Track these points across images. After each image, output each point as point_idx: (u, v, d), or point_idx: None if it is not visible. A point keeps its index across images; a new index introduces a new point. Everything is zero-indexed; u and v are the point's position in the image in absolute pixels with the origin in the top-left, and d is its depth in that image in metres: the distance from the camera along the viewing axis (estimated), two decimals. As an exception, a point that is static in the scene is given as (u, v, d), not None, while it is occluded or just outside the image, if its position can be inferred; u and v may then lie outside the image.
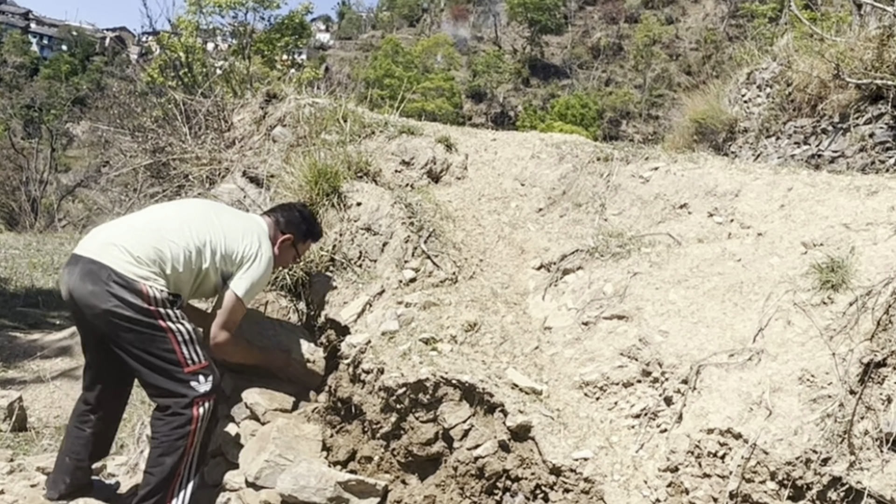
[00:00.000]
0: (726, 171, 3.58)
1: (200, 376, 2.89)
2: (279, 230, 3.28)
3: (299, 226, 3.34)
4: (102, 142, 16.70)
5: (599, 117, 56.92)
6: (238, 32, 17.93)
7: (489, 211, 4.03)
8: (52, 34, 78.56)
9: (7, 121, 22.16)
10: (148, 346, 2.83)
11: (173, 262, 2.89)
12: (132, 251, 2.84)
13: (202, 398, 2.87)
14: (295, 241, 3.32)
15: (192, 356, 2.88)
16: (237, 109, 5.36)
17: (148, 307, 2.81)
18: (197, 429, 2.86)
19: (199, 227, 3.00)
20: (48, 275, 10.16)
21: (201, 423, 2.87)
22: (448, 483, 2.75)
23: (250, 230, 3.14)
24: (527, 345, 3.07)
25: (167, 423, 2.86)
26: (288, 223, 3.31)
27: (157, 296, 2.83)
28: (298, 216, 3.36)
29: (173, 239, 2.92)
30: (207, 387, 2.89)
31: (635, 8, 69.90)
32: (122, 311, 2.77)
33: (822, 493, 2.12)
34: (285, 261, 3.38)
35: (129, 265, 2.82)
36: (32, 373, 5.87)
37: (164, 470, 2.84)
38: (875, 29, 5.09)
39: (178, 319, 2.88)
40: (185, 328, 2.89)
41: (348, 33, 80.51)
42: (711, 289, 2.86)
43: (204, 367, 2.90)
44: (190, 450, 2.87)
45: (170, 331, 2.84)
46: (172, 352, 2.84)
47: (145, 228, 2.96)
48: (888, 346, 2.19)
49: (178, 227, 2.97)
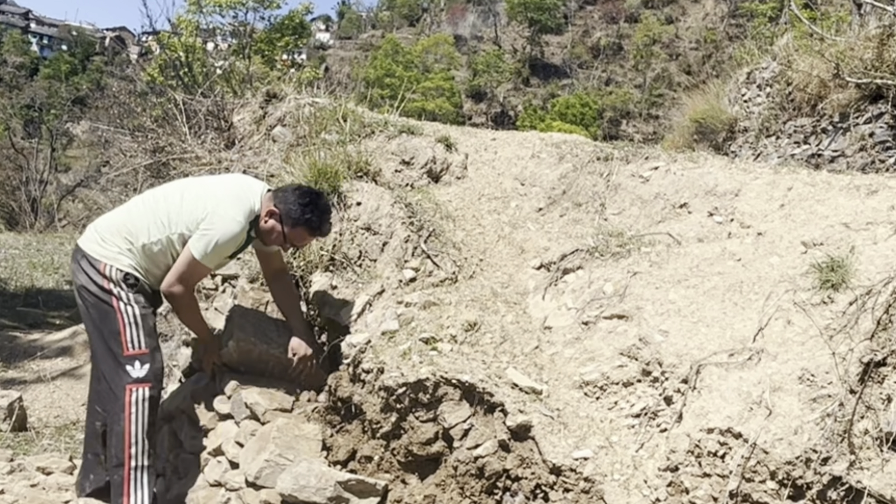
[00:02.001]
0: (726, 171, 3.58)
1: (137, 362, 2.96)
2: (273, 203, 3.13)
3: (291, 205, 3.08)
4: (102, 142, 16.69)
5: (599, 117, 56.88)
6: (238, 32, 17.93)
7: (489, 210, 4.03)
8: (52, 34, 78.55)
9: (7, 121, 22.15)
10: (102, 323, 2.99)
11: (139, 238, 3.03)
12: (100, 232, 3.07)
13: (135, 384, 2.94)
14: (282, 221, 3.09)
15: (133, 340, 2.96)
16: (237, 109, 5.37)
17: (104, 285, 2.98)
18: (130, 414, 2.91)
19: (166, 201, 3.10)
20: (48, 275, 10.16)
21: (134, 408, 2.92)
22: (448, 483, 2.75)
23: (222, 196, 3.06)
24: (527, 344, 3.07)
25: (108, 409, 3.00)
26: (282, 199, 3.11)
27: (115, 275, 2.98)
28: (293, 196, 3.10)
29: (139, 216, 3.08)
30: (142, 373, 2.95)
31: (635, 7, 69.85)
32: (87, 286, 2.99)
33: (822, 492, 2.12)
34: (271, 239, 3.17)
35: (95, 245, 3.04)
36: (32, 373, 5.87)
37: (110, 459, 2.96)
38: (875, 28, 5.09)
39: (129, 301, 2.98)
40: (134, 311, 2.98)
41: (348, 33, 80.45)
42: (711, 288, 2.86)
43: (143, 354, 2.98)
44: (128, 437, 2.91)
45: (119, 310, 2.97)
46: (118, 332, 2.96)
47: (119, 211, 3.18)
48: (888, 345, 2.19)
49: (145, 204, 3.11)
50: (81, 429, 4.82)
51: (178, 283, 3.03)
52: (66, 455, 3.94)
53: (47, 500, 3.34)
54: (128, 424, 2.92)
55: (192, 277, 3.08)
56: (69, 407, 5.33)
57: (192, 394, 3.53)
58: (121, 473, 2.92)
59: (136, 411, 2.92)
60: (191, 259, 3.01)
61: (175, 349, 4.40)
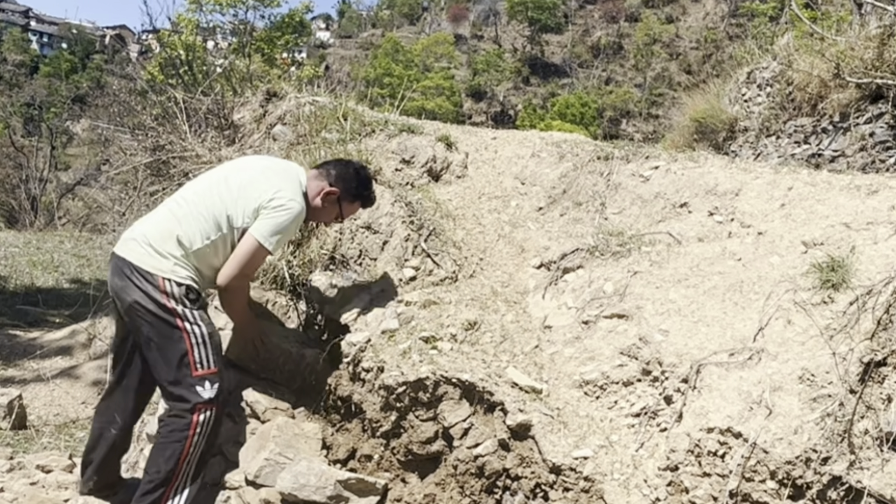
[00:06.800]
0: (727, 171, 3.58)
1: (207, 382, 2.82)
2: (327, 181, 3.09)
3: (349, 182, 3.11)
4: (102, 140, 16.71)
5: (599, 116, 56.91)
6: (238, 30, 17.90)
7: (489, 210, 4.02)
8: (52, 32, 78.54)
9: (7, 119, 22.14)
10: (164, 343, 2.81)
11: (194, 243, 2.85)
12: (152, 242, 2.84)
13: (205, 405, 2.81)
14: (341, 198, 3.11)
15: (202, 360, 2.82)
16: (237, 108, 5.36)
17: (166, 304, 2.79)
18: (195, 434, 2.80)
19: (209, 198, 2.93)
20: (48, 273, 10.16)
21: (200, 429, 2.80)
22: (448, 482, 2.75)
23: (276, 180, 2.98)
24: (527, 343, 3.07)
25: (167, 425, 2.83)
26: (338, 177, 3.10)
27: (175, 291, 2.79)
28: (353, 173, 3.14)
29: (188, 219, 2.88)
30: (211, 393, 2.82)
31: (635, 7, 69.86)
32: (145, 304, 2.78)
33: (822, 492, 2.12)
34: (325, 216, 3.18)
35: (146, 257, 2.82)
36: (32, 371, 5.87)
37: (159, 473, 2.79)
38: (875, 28, 5.09)
39: (195, 320, 2.82)
40: (201, 330, 2.83)
41: (348, 31, 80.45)
42: (711, 288, 2.86)
43: (212, 374, 2.84)
44: (186, 456, 2.80)
45: (185, 331, 2.81)
46: (185, 353, 2.80)
47: (162, 217, 2.93)
48: (888, 345, 2.19)
49: (190, 205, 2.92)
50: (81, 427, 4.83)
51: (240, 275, 2.89)
52: (65, 453, 3.93)
53: (47, 498, 3.34)
54: (188, 445, 2.80)
55: (254, 266, 2.94)
56: (69, 405, 5.33)
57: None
58: (165, 489, 2.80)
59: (200, 432, 2.80)
60: (256, 247, 2.86)
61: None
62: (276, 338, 3.29)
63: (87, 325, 6.45)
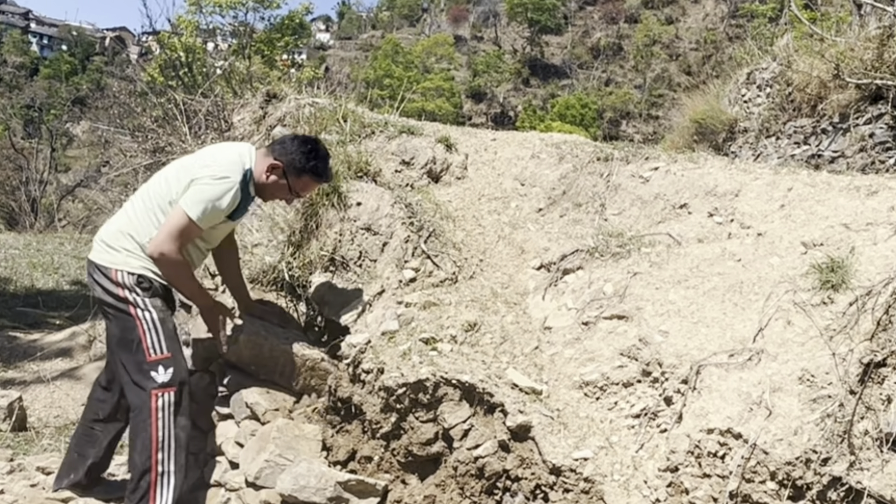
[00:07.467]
0: (726, 171, 3.58)
1: (161, 366, 2.89)
2: (272, 156, 3.04)
3: (292, 154, 3.02)
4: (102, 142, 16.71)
5: (599, 117, 56.90)
6: (238, 32, 17.91)
7: (489, 211, 4.02)
8: (52, 34, 78.56)
9: (7, 121, 22.14)
10: (124, 334, 2.93)
11: (143, 235, 2.94)
12: (105, 240, 2.99)
13: (160, 389, 2.87)
14: (286, 171, 3.03)
15: (154, 345, 2.90)
16: (237, 109, 5.37)
17: (119, 293, 2.91)
18: (157, 419, 2.84)
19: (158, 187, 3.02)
20: (48, 275, 10.15)
21: (161, 413, 2.85)
22: (448, 483, 2.75)
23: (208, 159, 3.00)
24: (527, 345, 3.07)
25: (131, 421, 2.93)
26: (282, 151, 3.03)
27: (127, 280, 2.90)
28: (297, 145, 3.04)
29: (137, 214, 3.00)
30: (166, 378, 2.88)
31: (635, 8, 69.87)
32: (104, 298, 2.93)
33: (822, 493, 2.12)
34: (277, 192, 3.12)
35: (102, 254, 2.97)
36: (32, 373, 5.86)
37: (136, 468, 2.87)
38: (875, 29, 5.09)
39: (145, 306, 2.91)
40: (152, 316, 2.91)
41: (348, 33, 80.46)
42: (711, 289, 2.86)
43: (166, 358, 2.90)
44: (157, 444, 2.83)
45: (137, 317, 2.90)
46: (139, 339, 2.90)
47: (118, 216, 3.08)
48: (888, 346, 2.19)
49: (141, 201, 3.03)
50: (81, 429, 4.83)
51: (168, 243, 2.86)
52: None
53: (47, 500, 3.33)
54: (155, 431, 2.84)
55: (181, 236, 2.89)
56: (69, 407, 5.33)
57: (193, 394, 3.52)
58: (148, 480, 2.83)
59: (162, 416, 2.84)
60: (180, 216, 2.86)
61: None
62: (277, 339, 3.29)
63: (87, 327, 6.45)
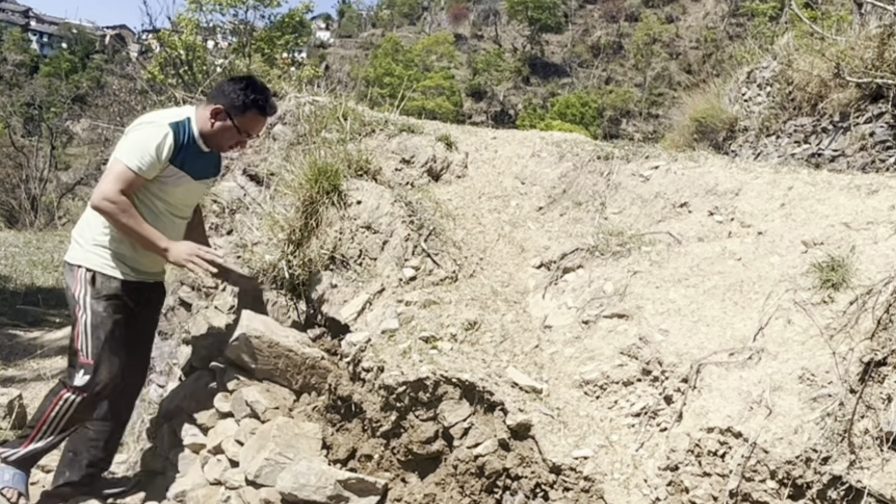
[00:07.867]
0: (727, 170, 3.58)
1: (82, 370, 3.01)
2: (212, 103, 3.05)
3: (229, 94, 3.02)
4: (102, 139, 16.71)
5: (599, 116, 56.91)
6: (238, 30, 17.91)
7: (489, 209, 4.02)
8: (52, 32, 78.55)
9: (7, 118, 22.14)
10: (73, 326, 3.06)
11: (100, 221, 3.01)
12: (74, 237, 3.10)
13: (73, 389, 3.01)
14: (229, 113, 3.04)
15: (84, 348, 3.01)
16: (237, 107, 5.35)
17: (73, 290, 3.02)
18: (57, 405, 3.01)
19: None
20: (48, 273, 10.16)
21: (62, 405, 3.01)
22: (448, 481, 2.75)
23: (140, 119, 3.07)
24: (527, 343, 3.07)
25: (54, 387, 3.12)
26: (218, 94, 3.05)
27: (84, 277, 3.01)
28: (231, 84, 3.06)
29: None
30: (81, 382, 3.00)
31: (635, 6, 69.84)
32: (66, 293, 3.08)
33: (822, 491, 2.12)
34: (227, 138, 3.12)
35: (72, 252, 3.08)
36: (32, 371, 5.87)
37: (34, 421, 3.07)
38: (875, 28, 5.08)
39: (85, 308, 3.00)
40: (87, 320, 2.99)
41: (348, 31, 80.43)
42: (712, 287, 2.86)
43: (87, 364, 3.00)
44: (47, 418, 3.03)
45: (77, 318, 3.02)
46: (74, 338, 3.03)
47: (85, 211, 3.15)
48: (888, 345, 2.19)
49: None
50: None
51: (107, 187, 2.87)
52: (65, 453, 3.94)
53: (47, 498, 3.33)
54: (50, 411, 3.02)
55: (117, 183, 2.88)
56: (69, 405, 5.32)
57: (193, 392, 3.53)
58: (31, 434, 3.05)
59: (61, 406, 3.02)
60: (118, 165, 2.90)
61: (175, 347, 4.39)
62: (277, 337, 3.29)
63: (87, 325, 6.43)
